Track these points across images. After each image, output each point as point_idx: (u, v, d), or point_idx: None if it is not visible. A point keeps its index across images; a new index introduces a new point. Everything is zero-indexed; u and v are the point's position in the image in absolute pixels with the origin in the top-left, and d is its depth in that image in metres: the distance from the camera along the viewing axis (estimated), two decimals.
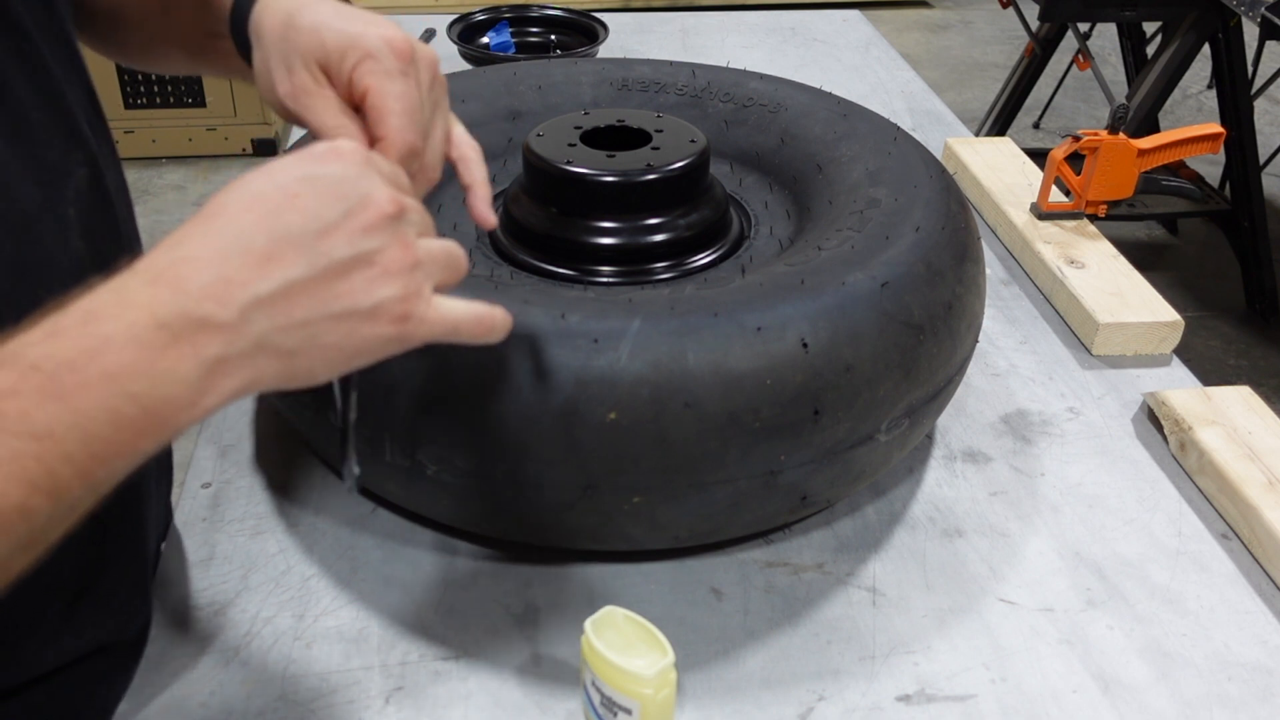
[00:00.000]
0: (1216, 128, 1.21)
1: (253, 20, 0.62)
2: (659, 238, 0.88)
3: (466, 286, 0.75)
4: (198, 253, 0.43)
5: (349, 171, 0.48)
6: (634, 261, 0.88)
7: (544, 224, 0.89)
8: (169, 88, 3.34)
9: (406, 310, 0.49)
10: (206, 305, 0.42)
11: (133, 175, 3.31)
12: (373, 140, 0.59)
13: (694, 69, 1.11)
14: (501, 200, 0.96)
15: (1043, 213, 1.24)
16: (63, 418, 0.39)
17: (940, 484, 0.92)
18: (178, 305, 0.41)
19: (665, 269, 0.89)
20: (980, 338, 0.91)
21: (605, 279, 0.87)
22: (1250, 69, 2.69)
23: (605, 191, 0.86)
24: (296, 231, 0.45)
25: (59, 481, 0.39)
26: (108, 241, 0.63)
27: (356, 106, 0.60)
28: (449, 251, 0.53)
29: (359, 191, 0.47)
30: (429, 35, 1.74)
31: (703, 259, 0.90)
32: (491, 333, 0.55)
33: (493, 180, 1.02)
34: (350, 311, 0.47)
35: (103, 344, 0.40)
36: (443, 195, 0.99)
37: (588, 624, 0.66)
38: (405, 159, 0.58)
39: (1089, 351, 1.09)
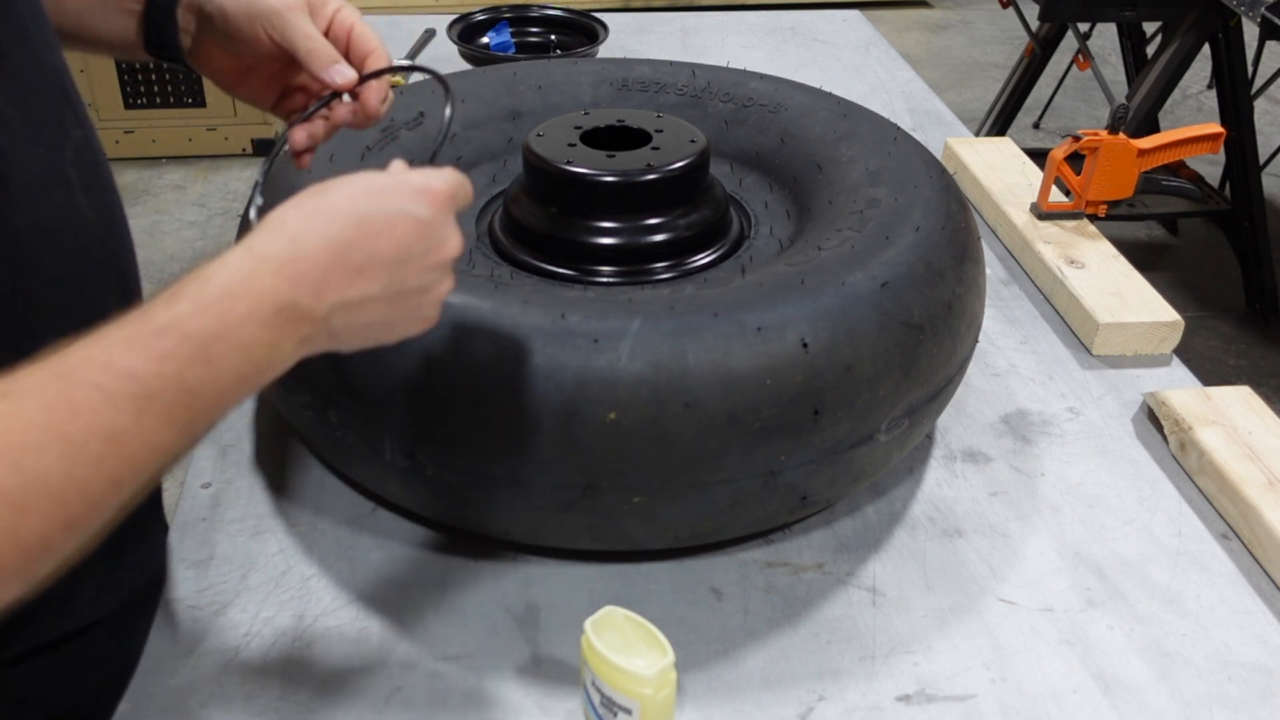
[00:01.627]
0: (1216, 128, 1.21)
1: None
2: (659, 238, 0.88)
3: (466, 286, 0.76)
4: (310, 255, 0.53)
5: (437, 217, 0.57)
6: (634, 261, 0.88)
7: (544, 224, 0.89)
8: (169, 88, 3.34)
9: (432, 319, 0.60)
10: (310, 302, 0.52)
11: (133, 175, 3.32)
12: (360, 57, 0.72)
13: (694, 69, 1.11)
14: (501, 200, 0.96)
15: (1043, 213, 1.24)
16: (206, 377, 0.48)
17: (940, 484, 0.92)
18: (292, 298, 0.51)
19: (665, 269, 0.89)
20: (980, 338, 0.91)
21: (605, 279, 0.87)
22: (1250, 69, 2.69)
23: (605, 191, 0.86)
24: (386, 258, 0.55)
25: (195, 427, 0.49)
26: (104, 200, 0.67)
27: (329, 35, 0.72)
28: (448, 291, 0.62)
29: (439, 237, 0.57)
30: (429, 35, 1.74)
31: (703, 259, 0.90)
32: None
33: (493, 180, 1.02)
34: (399, 320, 0.58)
35: (239, 322, 0.50)
36: None
37: (588, 624, 0.66)
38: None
39: (1089, 351, 1.09)
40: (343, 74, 0.70)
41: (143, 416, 0.47)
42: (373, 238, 0.54)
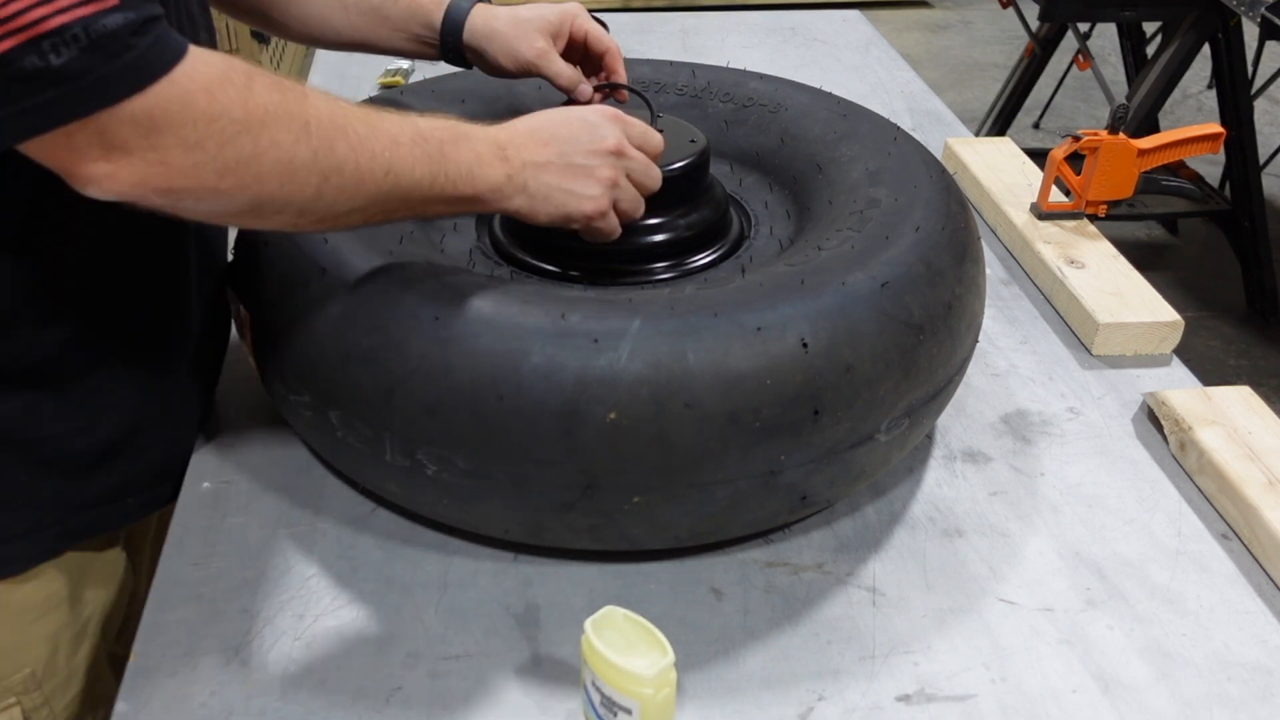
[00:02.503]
0: (1216, 128, 1.21)
1: (478, 27, 0.98)
2: (659, 238, 0.88)
3: (467, 285, 0.76)
4: (518, 129, 0.78)
5: (604, 124, 0.80)
6: (634, 261, 0.88)
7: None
8: None
9: (597, 207, 0.79)
10: (512, 151, 0.76)
11: None
12: (599, 56, 1.02)
13: (694, 69, 1.11)
14: None
15: (1043, 213, 1.24)
16: (449, 155, 0.72)
17: (940, 484, 0.92)
18: (503, 142, 0.76)
19: (665, 269, 0.89)
20: (980, 338, 0.91)
21: (605, 279, 0.87)
22: (1250, 69, 2.69)
23: None
24: (564, 139, 0.78)
25: (435, 188, 0.72)
26: (210, 35, 0.88)
27: (576, 53, 1.02)
28: (641, 179, 0.82)
29: (602, 134, 0.79)
30: None
31: (702, 259, 0.90)
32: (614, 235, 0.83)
33: None
34: (569, 190, 0.78)
35: (470, 141, 0.75)
36: None
37: (588, 624, 0.66)
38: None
39: (1089, 351, 1.09)
40: (584, 93, 0.99)
41: (407, 151, 0.70)
42: (555, 124, 0.79)
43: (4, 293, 0.74)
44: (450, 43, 0.99)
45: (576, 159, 0.78)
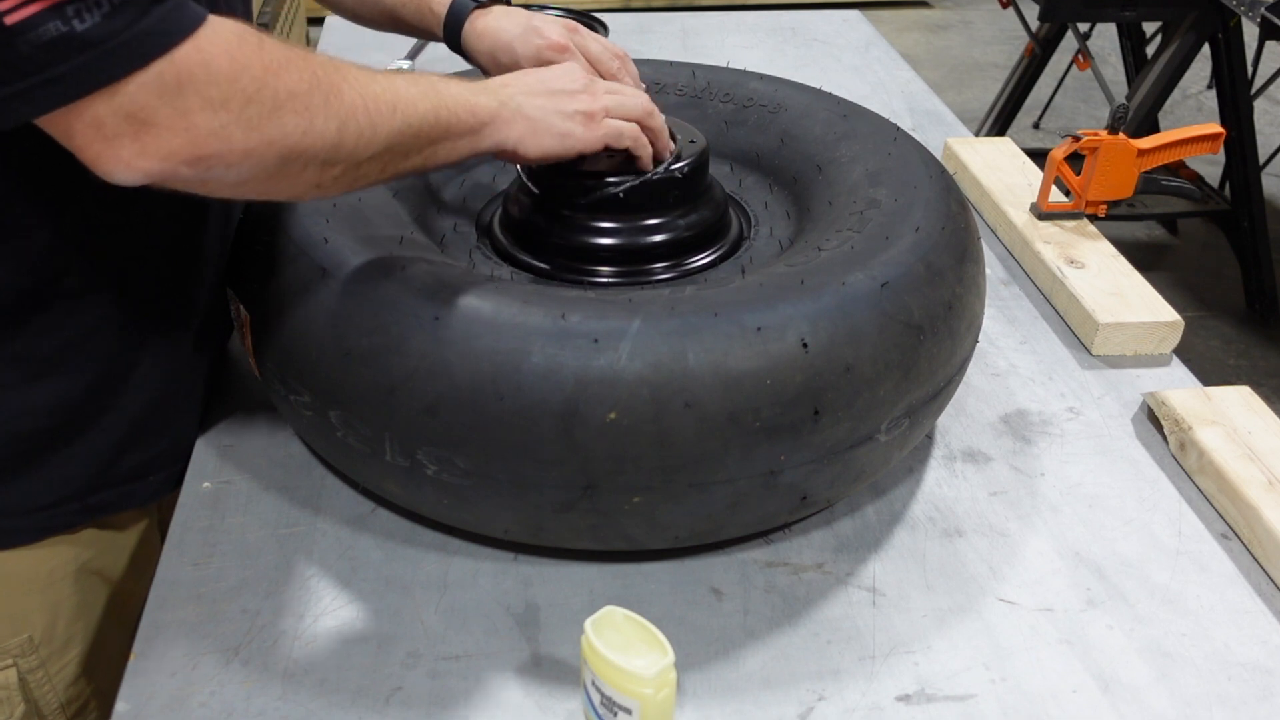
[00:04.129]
0: (1216, 128, 1.21)
1: (478, 34, 1.01)
2: (658, 238, 0.89)
3: (467, 285, 0.76)
4: (495, 78, 0.84)
5: (574, 70, 0.87)
6: (633, 262, 0.88)
7: (543, 225, 0.89)
8: None
9: (587, 121, 0.83)
10: (495, 85, 0.82)
11: None
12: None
13: (694, 69, 1.11)
14: (501, 201, 0.96)
15: (1043, 213, 1.24)
16: (445, 92, 0.76)
17: (940, 484, 0.92)
18: (484, 84, 0.81)
19: (664, 269, 0.89)
20: (980, 338, 0.91)
21: (604, 279, 0.87)
22: (1250, 69, 2.69)
23: (604, 192, 0.86)
24: (543, 75, 0.85)
25: (439, 122, 0.75)
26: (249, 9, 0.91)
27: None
28: (623, 100, 0.87)
29: (574, 74, 0.86)
30: (419, 46, 1.74)
31: (702, 259, 0.90)
32: (637, 143, 0.87)
33: (493, 180, 1.02)
34: (559, 109, 0.82)
35: (462, 82, 0.78)
36: (440, 199, 0.99)
37: (588, 624, 0.66)
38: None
39: (1089, 351, 1.09)
40: None
41: (404, 88, 0.73)
42: (525, 74, 0.85)
43: (39, 272, 0.75)
44: (453, 43, 1.03)
45: (556, 85, 0.84)
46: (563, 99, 0.83)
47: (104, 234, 0.78)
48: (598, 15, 1.71)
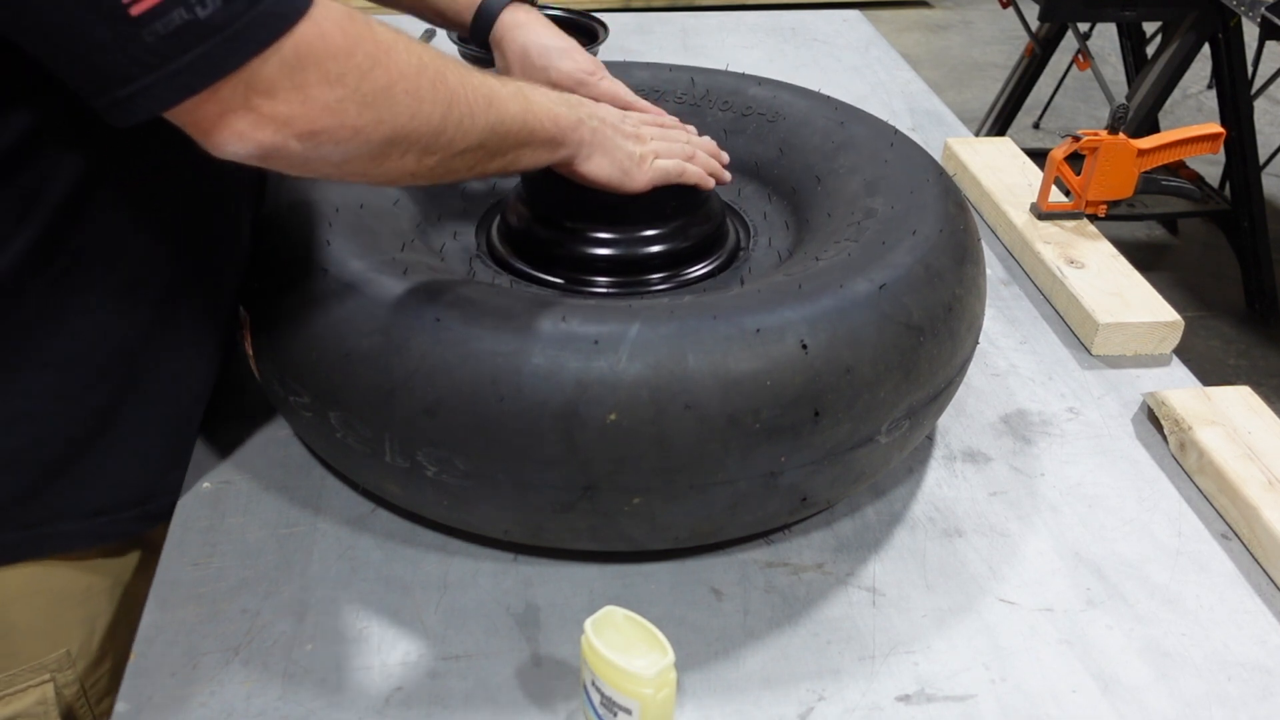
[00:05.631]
0: (1216, 128, 1.21)
1: (511, 28, 1.04)
2: (655, 249, 0.89)
3: (467, 288, 0.76)
4: (572, 95, 0.87)
5: (629, 117, 0.90)
6: (630, 272, 0.89)
7: (541, 234, 0.89)
8: None
9: (639, 160, 0.86)
10: (574, 100, 0.84)
11: None
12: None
13: (693, 76, 1.11)
14: (499, 209, 0.96)
15: (1043, 213, 1.24)
16: (533, 98, 0.78)
17: (940, 484, 0.92)
18: (563, 95, 0.84)
19: (661, 280, 0.89)
20: (980, 338, 0.91)
21: (601, 289, 0.88)
22: (1250, 69, 2.69)
23: (602, 201, 0.86)
24: (604, 107, 0.88)
25: (526, 126, 0.77)
26: None
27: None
28: (670, 144, 0.90)
29: (630, 123, 0.89)
30: (429, 36, 1.74)
31: (699, 270, 0.90)
32: (684, 175, 0.90)
33: (491, 189, 1.02)
34: (620, 148, 0.85)
35: (541, 90, 0.81)
36: (440, 206, 0.99)
37: (588, 624, 0.66)
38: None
39: (1089, 351, 1.09)
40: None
41: (498, 87, 0.74)
42: (605, 112, 0.87)
43: (89, 273, 0.74)
44: (480, 35, 1.05)
45: (624, 126, 0.87)
46: (621, 133, 0.86)
47: (164, 235, 0.78)
48: (598, 15, 1.71)
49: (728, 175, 0.93)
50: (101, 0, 0.56)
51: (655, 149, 0.88)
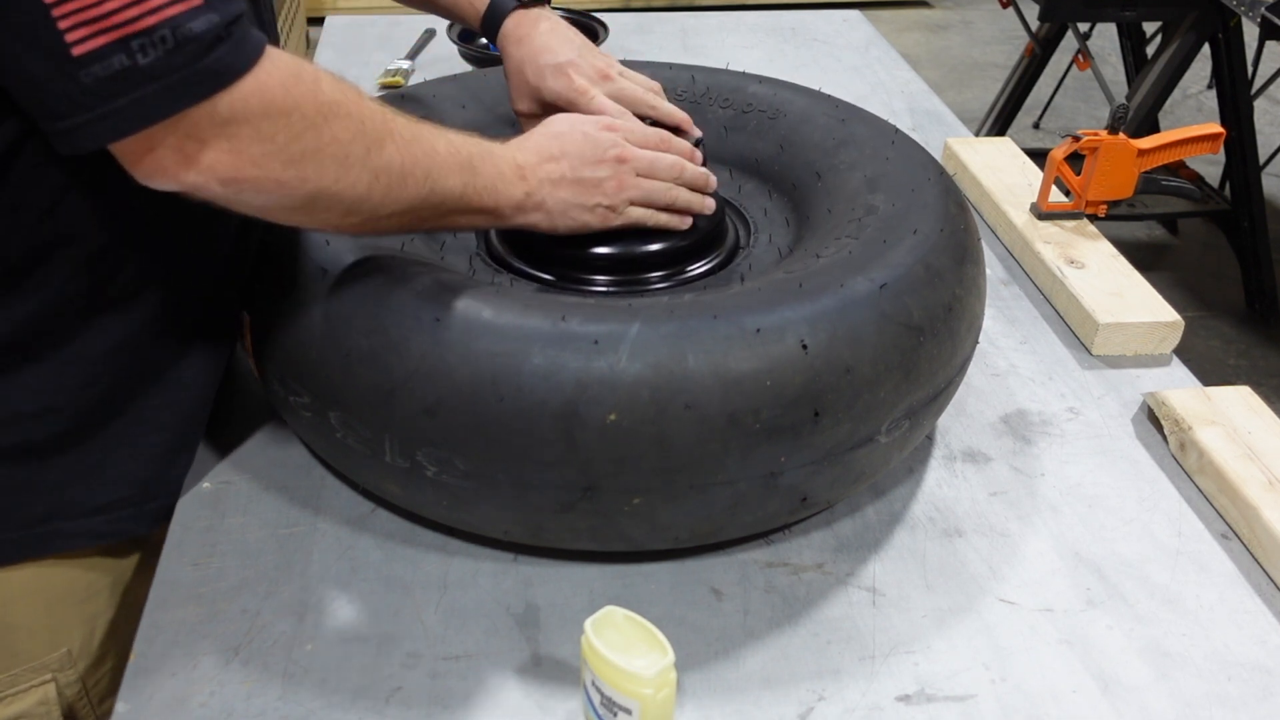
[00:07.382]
0: (1216, 128, 1.21)
1: (516, 40, 1.01)
2: (655, 247, 0.89)
3: (467, 288, 0.76)
4: (530, 146, 0.83)
5: (604, 135, 0.85)
6: (630, 270, 0.89)
7: (541, 233, 0.89)
8: None
9: (607, 213, 0.85)
10: (529, 170, 0.81)
11: None
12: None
13: (693, 74, 1.11)
14: None
15: (1043, 213, 1.24)
16: (480, 171, 0.77)
17: (940, 484, 0.92)
18: (520, 163, 0.81)
19: (661, 278, 0.89)
20: (980, 338, 0.91)
21: (601, 287, 0.88)
22: (1250, 69, 2.69)
23: None
24: (573, 154, 0.83)
25: (464, 199, 0.76)
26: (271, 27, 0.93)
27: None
28: (654, 166, 0.87)
29: (604, 145, 0.84)
30: (429, 36, 1.74)
31: (699, 268, 0.90)
32: (655, 221, 0.88)
33: None
34: (580, 204, 0.83)
35: (496, 163, 0.79)
36: None
37: (588, 624, 0.66)
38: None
39: (1089, 351, 1.09)
40: None
41: (443, 159, 0.74)
42: (563, 139, 0.84)
43: (95, 273, 0.75)
44: (489, 34, 1.04)
45: (585, 172, 0.83)
46: (589, 190, 0.83)
47: (159, 238, 0.78)
48: (598, 15, 1.71)
49: (710, 205, 0.90)
50: (46, 38, 0.57)
51: (629, 197, 0.85)
